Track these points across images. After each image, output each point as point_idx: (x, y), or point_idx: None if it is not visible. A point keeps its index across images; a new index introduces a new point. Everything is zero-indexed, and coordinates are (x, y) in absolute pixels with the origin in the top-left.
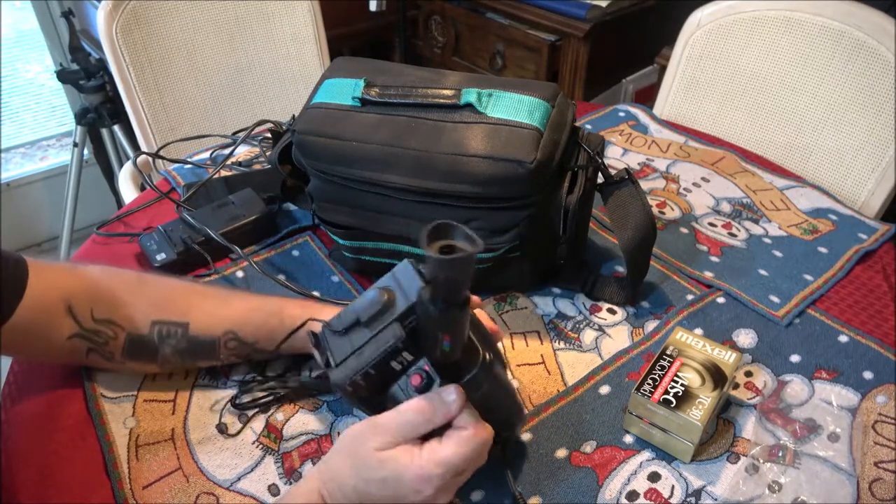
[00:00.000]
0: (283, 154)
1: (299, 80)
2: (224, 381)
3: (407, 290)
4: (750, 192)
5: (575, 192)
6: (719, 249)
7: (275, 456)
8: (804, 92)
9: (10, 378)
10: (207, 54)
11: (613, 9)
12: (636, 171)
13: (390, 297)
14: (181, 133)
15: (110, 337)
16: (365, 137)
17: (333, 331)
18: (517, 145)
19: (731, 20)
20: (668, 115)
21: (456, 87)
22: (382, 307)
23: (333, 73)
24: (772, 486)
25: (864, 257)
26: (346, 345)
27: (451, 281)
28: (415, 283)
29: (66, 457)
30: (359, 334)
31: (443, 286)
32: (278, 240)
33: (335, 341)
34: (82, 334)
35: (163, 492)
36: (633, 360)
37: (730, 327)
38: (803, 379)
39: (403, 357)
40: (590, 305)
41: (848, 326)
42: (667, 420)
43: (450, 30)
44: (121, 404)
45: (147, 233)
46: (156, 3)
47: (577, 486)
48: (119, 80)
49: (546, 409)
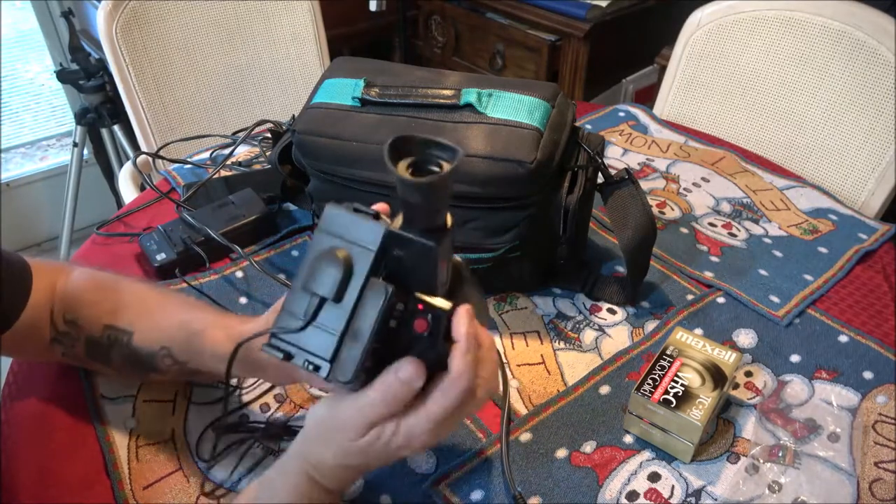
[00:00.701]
0: (283, 154)
1: (299, 80)
2: None
3: (359, 238)
4: (750, 192)
5: (575, 192)
6: (719, 249)
7: (275, 456)
8: (804, 92)
9: (10, 378)
10: (207, 54)
11: (613, 9)
12: (636, 171)
13: (346, 256)
14: (181, 133)
15: (75, 339)
16: (365, 137)
17: (292, 330)
18: (517, 145)
19: (731, 20)
20: (668, 115)
21: (456, 87)
22: (345, 270)
23: (333, 73)
24: (772, 486)
25: (864, 257)
26: (324, 335)
27: (430, 206)
28: (366, 225)
29: (66, 457)
30: (332, 315)
31: (420, 213)
32: (278, 240)
33: (305, 339)
34: (56, 338)
35: (163, 492)
36: (633, 360)
37: (730, 327)
38: (803, 379)
39: (396, 310)
40: (590, 305)
41: (848, 326)
42: (667, 420)
43: (450, 30)
44: (121, 405)
45: (147, 233)
46: (156, 3)
47: (577, 486)
48: (119, 80)
49: (546, 409)
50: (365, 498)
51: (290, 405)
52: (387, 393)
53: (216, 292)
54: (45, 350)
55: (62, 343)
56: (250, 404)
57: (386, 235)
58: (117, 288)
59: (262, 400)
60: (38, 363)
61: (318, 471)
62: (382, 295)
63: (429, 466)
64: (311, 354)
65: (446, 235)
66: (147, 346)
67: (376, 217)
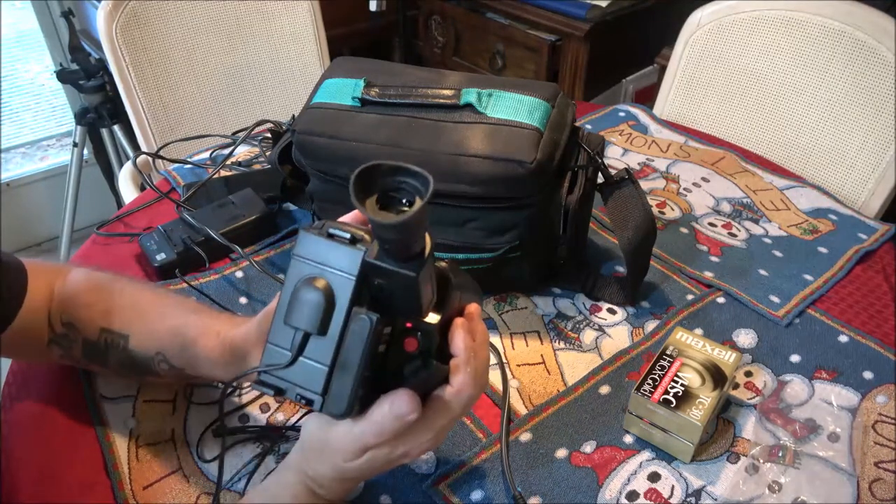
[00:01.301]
0: (283, 154)
1: (299, 79)
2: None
3: (337, 265)
4: (750, 192)
5: (575, 192)
6: (719, 249)
7: (275, 456)
8: (804, 92)
9: (10, 378)
10: (207, 54)
11: (613, 9)
12: (636, 171)
13: (325, 286)
14: (181, 133)
15: (72, 341)
16: (365, 137)
17: (280, 367)
18: (517, 145)
19: (731, 20)
20: (668, 115)
21: (456, 87)
22: (326, 302)
23: (333, 73)
24: (772, 486)
25: (864, 257)
26: (312, 368)
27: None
28: (343, 252)
29: (66, 457)
30: (319, 347)
31: (396, 246)
32: (278, 240)
33: (294, 373)
34: (54, 339)
35: (163, 492)
36: (633, 360)
37: (730, 327)
38: (803, 379)
39: (384, 334)
40: (590, 305)
41: (848, 326)
42: (667, 420)
43: (450, 30)
44: (121, 405)
45: (147, 233)
46: (156, 3)
47: (577, 486)
48: (119, 80)
49: (546, 409)
50: (365, 498)
51: (290, 405)
52: (382, 427)
53: (216, 292)
54: (44, 352)
55: (60, 345)
56: (250, 405)
57: (363, 265)
58: (112, 289)
59: (261, 400)
60: (38, 363)
61: (317, 482)
62: (367, 325)
63: (429, 466)
64: (302, 388)
65: (426, 261)
66: (143, 351)
67: (352, 241)
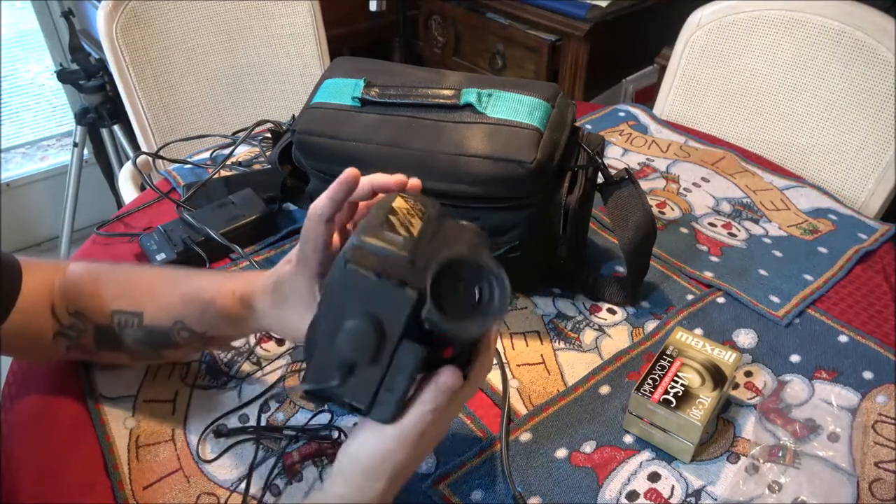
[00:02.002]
0: (283, 154)
1: (299, 79)
2: (224, 380)
3: (386, 305)
4: (750, 192)
5: (575, 192)
6: (719, 249)
7: (275, 456)
8: (804, 92)
9: (10, 378)
10: (207, 54)
11: (613, 9)
12: (636, 171)
13: (377, 322)
14: (181, 133)
15: (82, 330)
16: (365, 137)
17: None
18: (517, 145)
19: (731, 20)
20: (668, 115)
21: (456, 87)
22: (377, 339)
23: (333, 73)
24: (772, 486)
25: (864, 257)
26: (359, 386)
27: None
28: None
29: (66, 457)
30: (366, 371)
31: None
32: (278, 240)
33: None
34: (62, 332)
35: (163, 492)
36: (633, 360)
37: (730, 327)
38: (803, 379)
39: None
40: (590, 305)
41: (848, 326)
42: (667, 420)
43: (450, 30)
44: (121, 404)
45: (147, 233)
46: (156, 3)
47: (577, 486)
48: (119, 80)
49: (546, 409)
50: None
51: (290, 405)
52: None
53: None
54: (47, 348)
55: (68, 336)
56: (250, 404)
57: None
58: (116, 272)
59: (261, 400)
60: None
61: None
62: (414, 357)
63: (429, 466)
64: (348, 395)
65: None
66: (160, 324)
67: (402, 283)
